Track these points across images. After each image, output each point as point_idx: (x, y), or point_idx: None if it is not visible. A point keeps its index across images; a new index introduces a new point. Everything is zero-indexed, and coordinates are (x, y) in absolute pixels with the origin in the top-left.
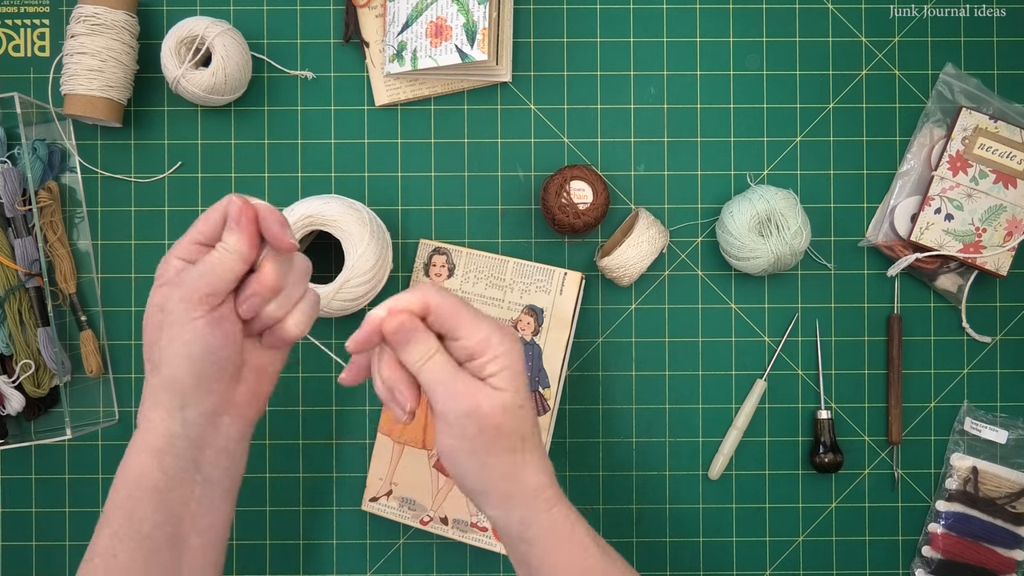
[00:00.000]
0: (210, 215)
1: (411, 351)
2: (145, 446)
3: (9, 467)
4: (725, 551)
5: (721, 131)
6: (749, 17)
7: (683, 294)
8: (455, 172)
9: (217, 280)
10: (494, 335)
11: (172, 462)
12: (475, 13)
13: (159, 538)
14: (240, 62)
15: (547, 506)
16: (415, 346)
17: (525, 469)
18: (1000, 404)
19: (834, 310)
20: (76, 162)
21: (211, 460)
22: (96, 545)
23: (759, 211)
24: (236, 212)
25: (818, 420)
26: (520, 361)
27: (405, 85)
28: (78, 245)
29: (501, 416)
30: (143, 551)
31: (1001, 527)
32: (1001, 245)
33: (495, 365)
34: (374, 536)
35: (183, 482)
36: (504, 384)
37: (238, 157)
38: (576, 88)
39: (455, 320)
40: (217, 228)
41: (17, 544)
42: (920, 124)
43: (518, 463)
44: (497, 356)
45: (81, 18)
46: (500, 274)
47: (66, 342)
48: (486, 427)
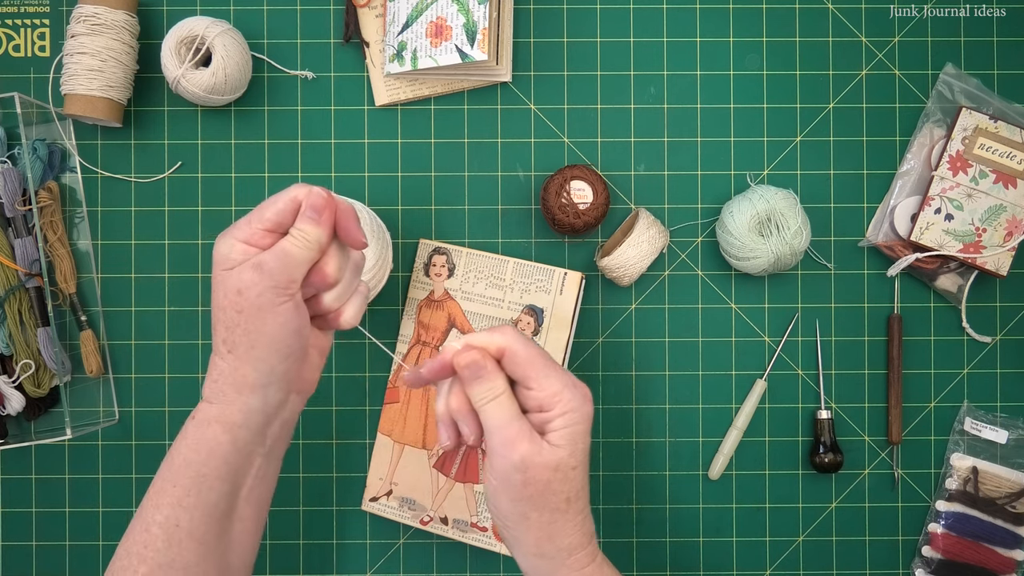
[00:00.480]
0: (279, 203)
1: (477, 388)
2: (221, 420)
3: (9, 467)
4: (725, 551)
5: (721, 131)
6: (749, 17)
7: (683, 294)
8: (455, 172)
9: (297, 269)
10: (566, 391)
11: (245, 435)
12: (475, 13)
13: (222, 507)
14: (240, 62)
15: (579, 565)
16: (482, 384)
17: (564, 528)
18: (1000, 404)
19: (834, 310)
20: (76, 162)
21: (275, 433)
22: (155, 515)
23: (759, 211)
24: (320, 204)
25: (818, 420)
26: (588, 423)
27: (405, 85)
28: (78, 245)
29: (551, 474)
30: (207, 519)
31: (1001, 527)
32: (1001, 245)
33: (560, 421)
34: (374, 536)
35: (250, 454)
36: (563, 442)
37: (238, 157)
38: (576, 88)
39: (529, 370)
40: (288, 217)
41: (17, 544)
42: (920, 124)
43: (558, 522)
44: (564, 413)
45: (81, 18)
46: (500, 274)
47: (66, 342)
48: (533, 481)
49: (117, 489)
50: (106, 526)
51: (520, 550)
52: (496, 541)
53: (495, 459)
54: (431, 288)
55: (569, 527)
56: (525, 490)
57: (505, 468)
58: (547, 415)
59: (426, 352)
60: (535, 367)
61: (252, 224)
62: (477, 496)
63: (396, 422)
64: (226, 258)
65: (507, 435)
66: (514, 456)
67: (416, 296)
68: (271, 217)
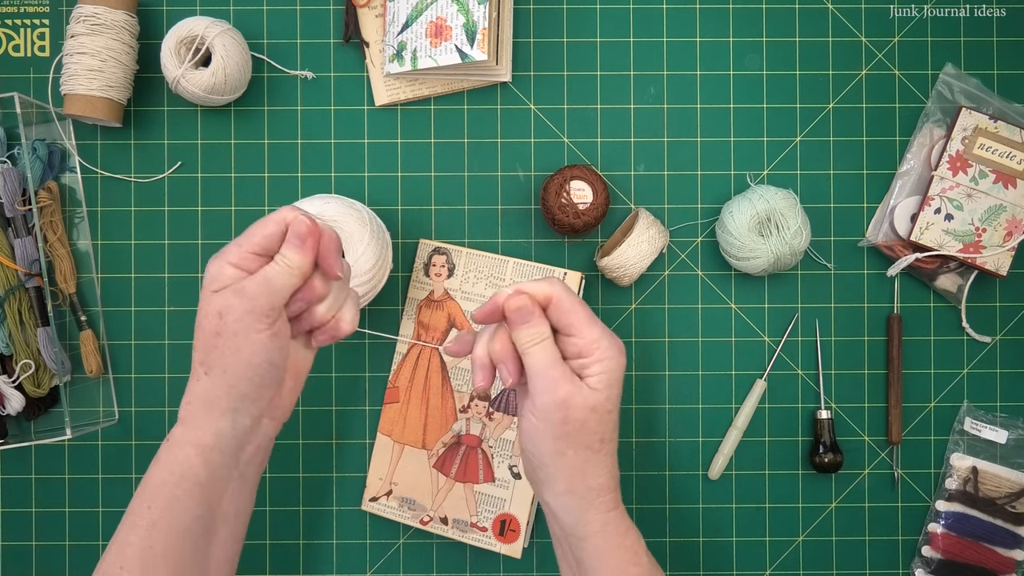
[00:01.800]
0: (268, 227)
1: (525, 331)
2: (193, 442)
3: (9, 467)
4: (725, 551)
5: (721, 131)
6: (749, 17)
7: (683, 294)
8: (455, 172)
9: (278, 296)
10: (604, 339)
11: (217, 458)
12: (475, 13)
13: (196, 530)
14: (240, 62)
15: (606, 507)
16: (530, 328)
17: (595, 468)
18: (1000, 404)
19: (834, 310)
20: (76, 162)
21: (248, 457)
22: (129, 537)
23: (759, 211)
24: (303, 231)
25: (818, 420)
26: (621, 371)
27: (405, 85)
28: (78, 245)
29: (589, 413)
30: (181, 541)
31: (1001, 527)
32: (1001, 245)
33: (598, 367)
34: (374, 536)
35: (223, 478)
36: (600, 386)
37: (238, 157)
38: (576, 88)
39: (572, 317)
40: (276, 241)
41: (17, 544)
42: (920, 124)
43: (590, 461)
44: (602, 360)
45: (81, 18)
46: (500, 274)
47: (66, 342)
48: (572, 419)
49: (117, 489)
50: (106, 526)
51: (551, 489)
52: (496, 541)
53: (538, 398)
54: (431, 288)
55: (600, 467)
56: (564, 427)
57: (547, 406)
58: (585, 361)
59: (426, 352)
60: (578, 316)
61: (242, 247)
62: (477, 496)
63: (396, 422)
64: (214, 279)
65: (552, 375)
66: (557, 395)
67: (416, 296)
68: (259, 241)
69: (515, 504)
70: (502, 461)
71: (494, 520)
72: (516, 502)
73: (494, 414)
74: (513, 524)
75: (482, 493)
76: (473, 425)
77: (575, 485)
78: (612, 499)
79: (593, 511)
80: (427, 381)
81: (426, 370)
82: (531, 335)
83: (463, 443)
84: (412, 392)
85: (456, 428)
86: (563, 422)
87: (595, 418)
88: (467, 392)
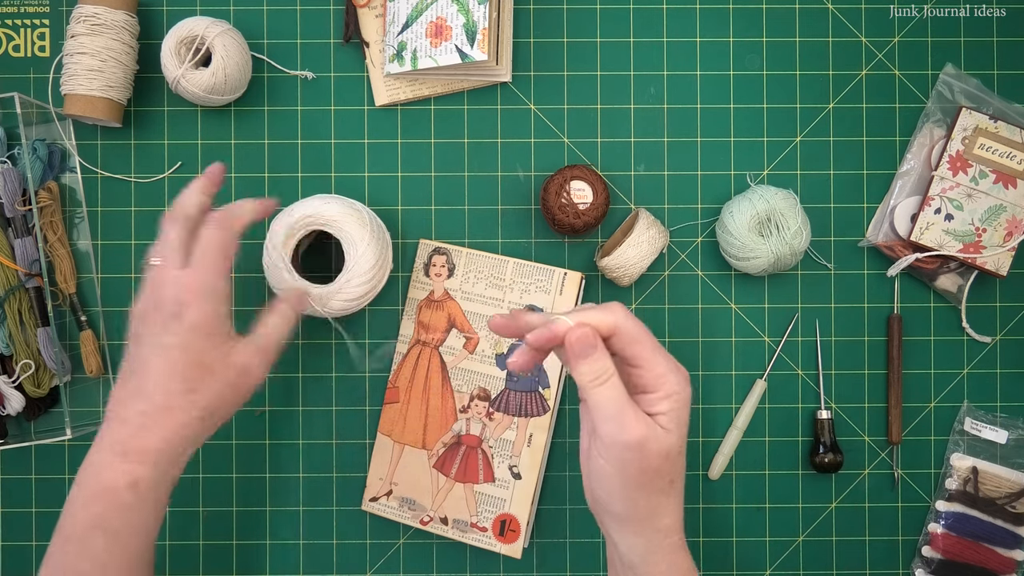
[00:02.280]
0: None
1: (586, 368)
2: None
3: (9, 467)
4: (725, 551)
5: (721, 131)
6: (749, 17)
7: (683, 294)
8: (455, 172)
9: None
10: (672, 374)
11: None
12: (475, 13)
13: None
14: (240, 62)
15: (672, 549)
16: (592, 363)
17: (665, 510)
18: (1000, 404)
19: (834, 310)
20: (76, 162)
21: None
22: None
23: (759, 211)
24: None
25: (818, 420)
26: (688, 406)
27: (405, 85)
28: (78, 245)
29: (662, 459)
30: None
31: (1001, 527)
32: (1001, 245)
33: (666, 404)
34: (374, 536)
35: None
36: (672, 426)
37: (238, 157)
38: (576, 88)
39: (638, 348)
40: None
41: (17, 544)
42: (920, 124)
43: (661, 504)
44: (670, 395)
45: (81, 18)
46: (500, 274)
47: (66, 342)
48: (646, 467)
49: None
50: None
51: (618, 529)
52: (496, 541)
53: (608, 441)
54: (431, 288)
55: (670, 508)
56: (636, 473)
57: (620, 451)
58: (652, 397)
59: (426, 352)
60: (644, 347)
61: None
62: (477, 496)
63: (396, 422)
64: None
65: (624, 420)
66: (630, 438)
67: (416, 296)
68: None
69: (515, 504)
70: (502, 461)
71: (494, 520)
72: (516, 502)
73: (494, 414)
74: (513, 524)
75: (482, 493)
76: (473, 425)
77: (644, 528)
78: (678, 540)
79: (661, 552)
80: (427, 381)
81: (426, 370)
82: (595, 372)
83: (463, 443)
84: (412, 392)
85: (456, 428)
86: (639, 471)
87: (668, 462)
88: (467, 392)
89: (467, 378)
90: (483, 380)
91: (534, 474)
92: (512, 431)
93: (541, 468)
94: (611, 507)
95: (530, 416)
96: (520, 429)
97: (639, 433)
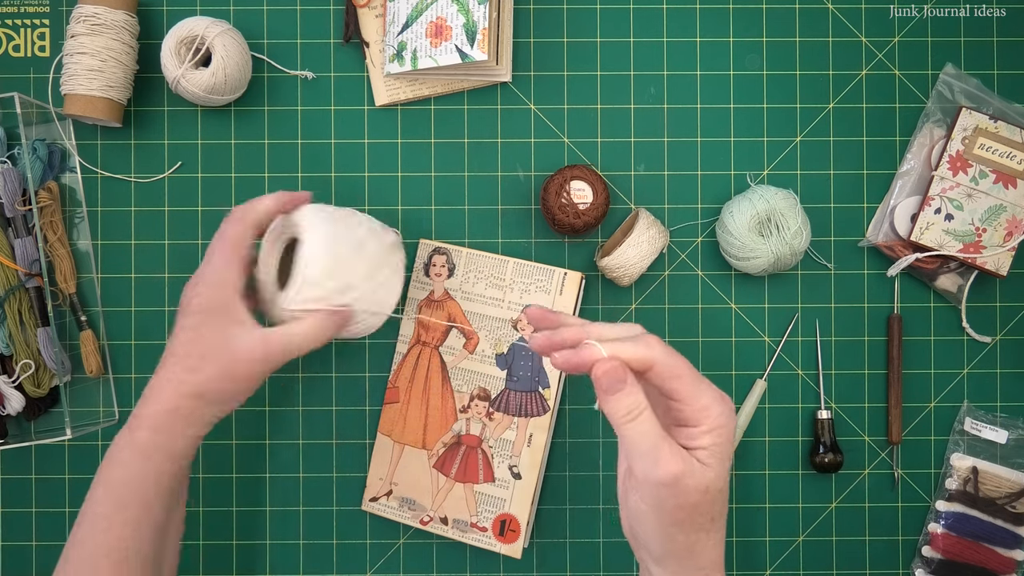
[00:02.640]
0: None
1: (617, 403)
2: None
3: (9, 467)
4: (725, 551)
5: (721, 131)
6: (749, 17)
7: (683, 294)
8: (455, 172)
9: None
10: (715, 406)
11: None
12: (475, 13)
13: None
14: (240, 62)
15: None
16: (622, 399)
17: (705, 548)
18: (1000, 404)
19: (834, 310)
20: (76, 162)
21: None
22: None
23: (759, 211)
24: None
25: (818, 420)
26: (732, 439)
27: (405, 85)
28: (78, 245)
29: (701, 496)
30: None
31: (1001, 527)
32: (1001, 245)
33: (709, 439)
34: (374, 536)
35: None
36: (712, 461)
37: (238, 157)
38: (576, 88)
39: (677, 384)
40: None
41: (17, 544)
42: (920, 124)
43: (700, 540)
44: (713, 429)
45: (81, 18)
46: (500, 274)
47: (66, 342)
48: (683, 503)
49: None
50: None
51: (657, 565)
52: (496, 541)
53: (642, 478)
54: (431, 288)
55: (710, 545)
56: (676, 514)
57: (654, 489)
58: (693, 431)
59: (426, 352)
60: (684, 382)
61: None
62: (477, 496)
63: (396, 422)
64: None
65: (658, 457)
66: (666, 475)
67: (416, 296)
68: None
69: (515, 504)
70: (502, 461)
71: (494, 520)
72: (516, 502)
73: (494, 414)
74: (513, 524)
75: (482, 493)
76: (473, 425)
77: (683, 566)
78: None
79: None
80: (427, 381)
81: (426, 370)
82: (626, 407)
83: (463, 443)
84: (412, 392)
85: (456, 428)
86: (676, 507)
87: (707, 499)
88: (467, 392)
89: (467, 378)
90: (483, 380)
91: (534, 474)
92: (512, 431)
93: (541, 468)
94: (648, 544)
95: (530, 416)
96: (520, 429)
97: (675, 470)
